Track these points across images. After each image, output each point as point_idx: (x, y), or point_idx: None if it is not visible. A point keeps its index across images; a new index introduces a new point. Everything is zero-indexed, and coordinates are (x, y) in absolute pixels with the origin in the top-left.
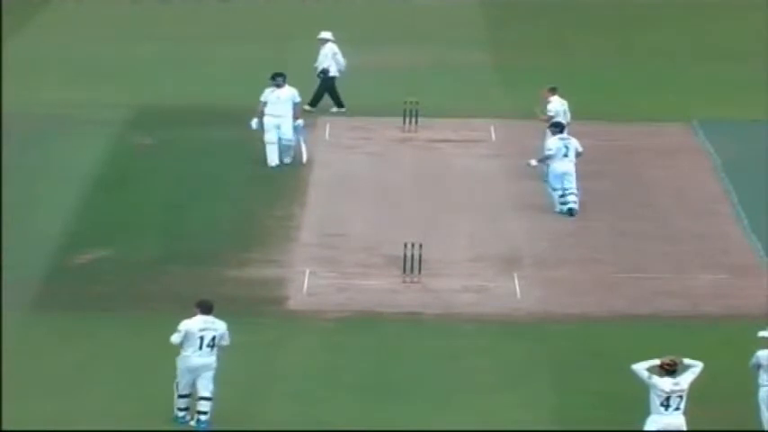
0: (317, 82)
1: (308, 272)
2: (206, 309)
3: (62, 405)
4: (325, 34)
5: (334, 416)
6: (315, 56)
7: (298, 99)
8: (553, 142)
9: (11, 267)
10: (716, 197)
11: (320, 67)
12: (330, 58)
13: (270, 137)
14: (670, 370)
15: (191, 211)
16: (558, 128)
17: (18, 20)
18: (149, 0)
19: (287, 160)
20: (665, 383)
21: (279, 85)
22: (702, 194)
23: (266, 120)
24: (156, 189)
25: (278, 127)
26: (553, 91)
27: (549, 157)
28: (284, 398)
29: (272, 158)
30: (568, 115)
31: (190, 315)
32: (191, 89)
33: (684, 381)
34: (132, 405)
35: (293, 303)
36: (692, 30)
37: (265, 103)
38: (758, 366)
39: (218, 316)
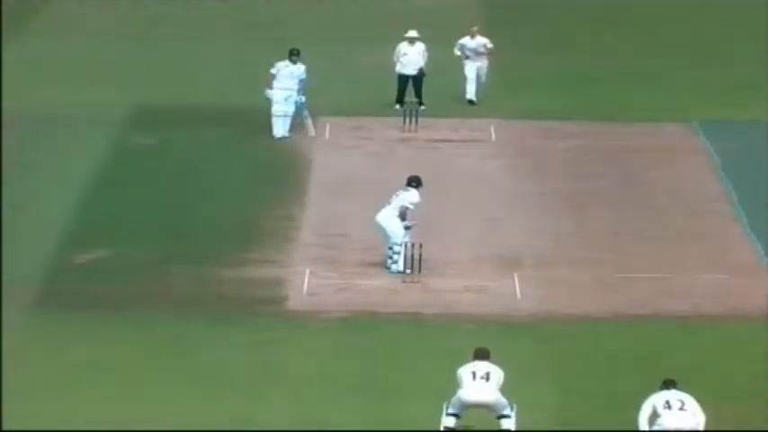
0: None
1: (307, 272)
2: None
3: (62, 405)
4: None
5: (335, 416)
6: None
7: (304, 76)
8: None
9: (11, 267)
10: (716, 197)
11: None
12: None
13: (277, 108)
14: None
15: (190, 211)
16: None
17: (18, 19)
18: (149, 0)
19: (287, 133)
20: (661, 397)
21: (294, 62)
22: (702, 194)
23: (276, 92)
24: (156, 189)
25: (286, 100)
26: (474, 31)
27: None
28: (284, 398)
29: (278, 130)
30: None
31: (189, 315)
32: (190, 89)
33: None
34: (132, 405)
35: (293, 303)
36: (691, 30)
37: (275, 76)
38: None
39: (219, 316)
